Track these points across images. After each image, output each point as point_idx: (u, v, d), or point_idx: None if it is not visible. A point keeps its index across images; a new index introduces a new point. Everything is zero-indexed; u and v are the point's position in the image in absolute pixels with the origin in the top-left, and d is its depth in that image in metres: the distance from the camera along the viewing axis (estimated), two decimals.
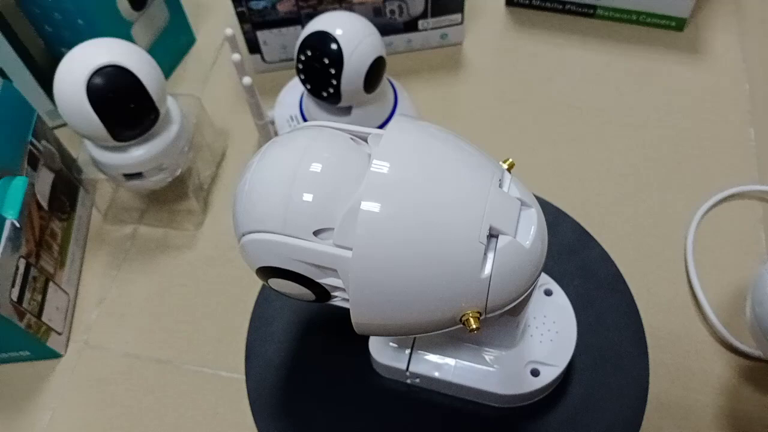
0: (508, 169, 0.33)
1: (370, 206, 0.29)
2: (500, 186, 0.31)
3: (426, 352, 0.44)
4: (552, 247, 0.50)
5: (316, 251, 0.30)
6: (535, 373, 0.42)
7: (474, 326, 0.30)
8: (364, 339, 0.47)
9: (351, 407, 0.46)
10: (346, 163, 0.31)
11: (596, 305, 0.49)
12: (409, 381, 0.45)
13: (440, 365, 0.44)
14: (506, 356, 0.43)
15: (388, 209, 0.29)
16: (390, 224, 0.29)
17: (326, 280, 0.31)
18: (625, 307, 0.49)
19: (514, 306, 0.33)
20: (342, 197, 0.30)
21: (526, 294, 0.33)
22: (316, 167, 0.30)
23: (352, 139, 0.33)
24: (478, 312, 0.31)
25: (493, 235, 0.30)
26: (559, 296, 0.45)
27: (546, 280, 0.46)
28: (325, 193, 0.30)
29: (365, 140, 0.34)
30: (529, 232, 0.31)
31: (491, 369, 0.43)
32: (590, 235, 0.52)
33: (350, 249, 0.29)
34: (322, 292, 0.32)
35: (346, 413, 0.46)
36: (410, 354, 0.44)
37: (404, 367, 0.44)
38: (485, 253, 0.30)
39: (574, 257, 0.51)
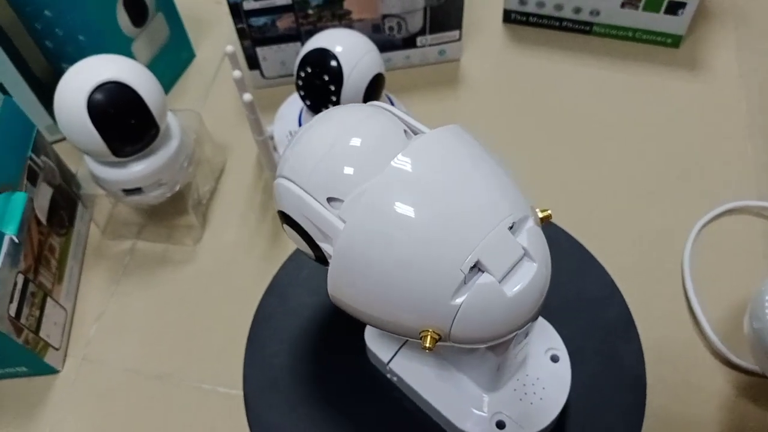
0: (543, 219, 0.33)
1: (374, 195, 0.30)
2: (512, 228, 0.30)
3: (412, 356, 0.43)
4: (582, 319, 0.48)
5: (321, 215, 0.31)
6: (500, 425, 0.41)
7: (427, 345, 0.30)
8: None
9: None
10: (383, 148, 0.32)
11: (602, 392, 0.45)
12: (389, 376, 0.45)
13: (418, 374, 0.43)
14: (481, 396, 0.42)
15: (389, 204, 0.30)
16: (385, 218, 0.30)
17: (324, 246, 0.33)
18: (635, 410, 0.45)
19: (490, 346, 0.32)
20: (362, 178, 0.31)
21: (499, 341, 0.32)
22: (356, 142, 0.32)
23: (405, 130, 0.33)
24: (438, 335, 0.31)
25: (480, 269, 0.30)
26: (563, 368, 0.43)
27: (558, 346, 0.43)
28: (350, 168, 0.31)
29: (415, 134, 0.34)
30: (518, 284, 0.30)
31: (461, 402, 0.42)
32: (629, 310, 0.49)
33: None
34: (321, 257, 0.34)
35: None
36: (397, 351, 0.44)
37: (386, 360, 0.43)
38: (464, 283, 0.29)
39: (606, 339, 0.48)
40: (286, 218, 0.34)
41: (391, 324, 0.32)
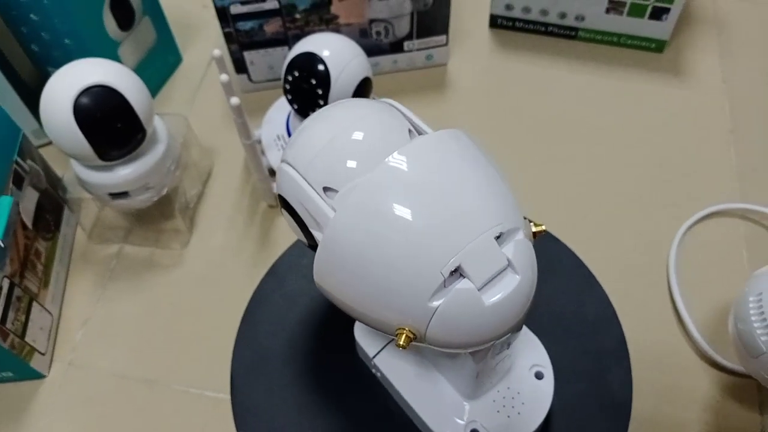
0: (536, 233, 0.33)
1: (364, 189, 0.30)
2: (499, 237, 0.30)
3: (397, 354, 0.44)
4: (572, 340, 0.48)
5: (315, 203, 0.32)
6: None
7: (401, 343, 0.31)
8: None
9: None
10: (383, 145, 0.32)
11: (585, 414, 0.45)
12: (374, 372, 0.45)
13: (401, 373, 0.43)
14: (459, 403, 0.42)
15: (377, 200, 0.30)
16: (371, 213, 0.30)
17: (316, 233, 0.33)
18: None
19: (468, 353, 0.32)
20: (359, 171, 0.31)
21: (475, 348, 0.32)
22: (358, 136, 0.32)
23: (409, 129, 0.34)
24: (414, 334, 0.31)
25: (461, 275, 0.30)
26: (546, 385, 0.42)
27: (544, 364, 0.43)
28: (348, 161, 0.32)
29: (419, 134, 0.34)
30: (497, 294, 0.30)
31: (439, 405, 0.42)
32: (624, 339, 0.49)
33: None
34: (314, 244, 0.34)
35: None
36: (383, 347, 0.44)
37: (372, 355, 0.44)
38: (444, 286, 0.29)
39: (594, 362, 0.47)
40: (283, 203, 0.34)
41: (368, 318, 0.32)
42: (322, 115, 0.34)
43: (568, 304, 0.51)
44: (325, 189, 0.32)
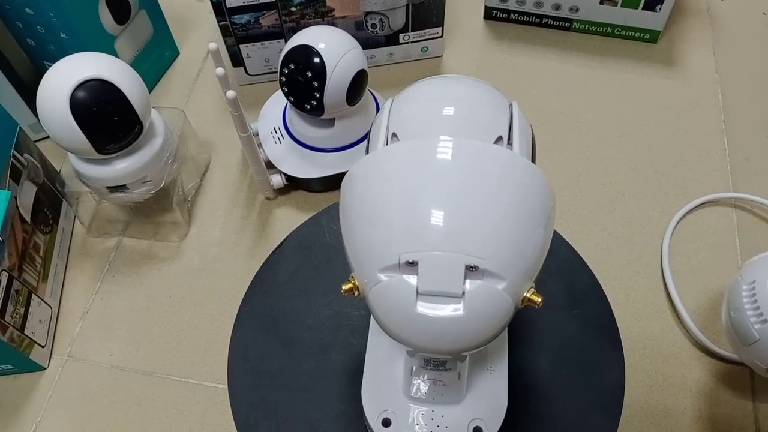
0: (526, 299, 0.31)
1: (401, 148, 0.32)
2: (472, 270, 0.29)
3: None
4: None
5: (379, 136, 0.35)
6: (386, 423, 0.41)
7: (344, 288, 0.32)
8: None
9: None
10: (460, 131, 0.33)
11: None
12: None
13: (378, 332, 0.44)
14: (397, 391, 0.42)
15: (402, 163, 0.32)
16: (389, 169, 0.32)
17: None
18: None
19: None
20: (426, 135, 0.33)
21: (404, 346, 0.33)
22: (448, 111, 0.35)
23: (500, 136, 0.34)
24: (358, 290, 0.32)
25: (417, 271, 0.30)
26: None
27: (490, 425, 0.41)
28: (422, 125, 0.34)
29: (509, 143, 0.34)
30: (432, 311, 0.30)
31: (381, 375, 0.42)
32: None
33: None
34: None
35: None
36: None
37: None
38: (398, 269, 0.30)
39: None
40: (372, 123, 0.37)
41: (345, 246, 0.34)
42: (448, 79, 0.37)
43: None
44: (393, 135, 0.34)
